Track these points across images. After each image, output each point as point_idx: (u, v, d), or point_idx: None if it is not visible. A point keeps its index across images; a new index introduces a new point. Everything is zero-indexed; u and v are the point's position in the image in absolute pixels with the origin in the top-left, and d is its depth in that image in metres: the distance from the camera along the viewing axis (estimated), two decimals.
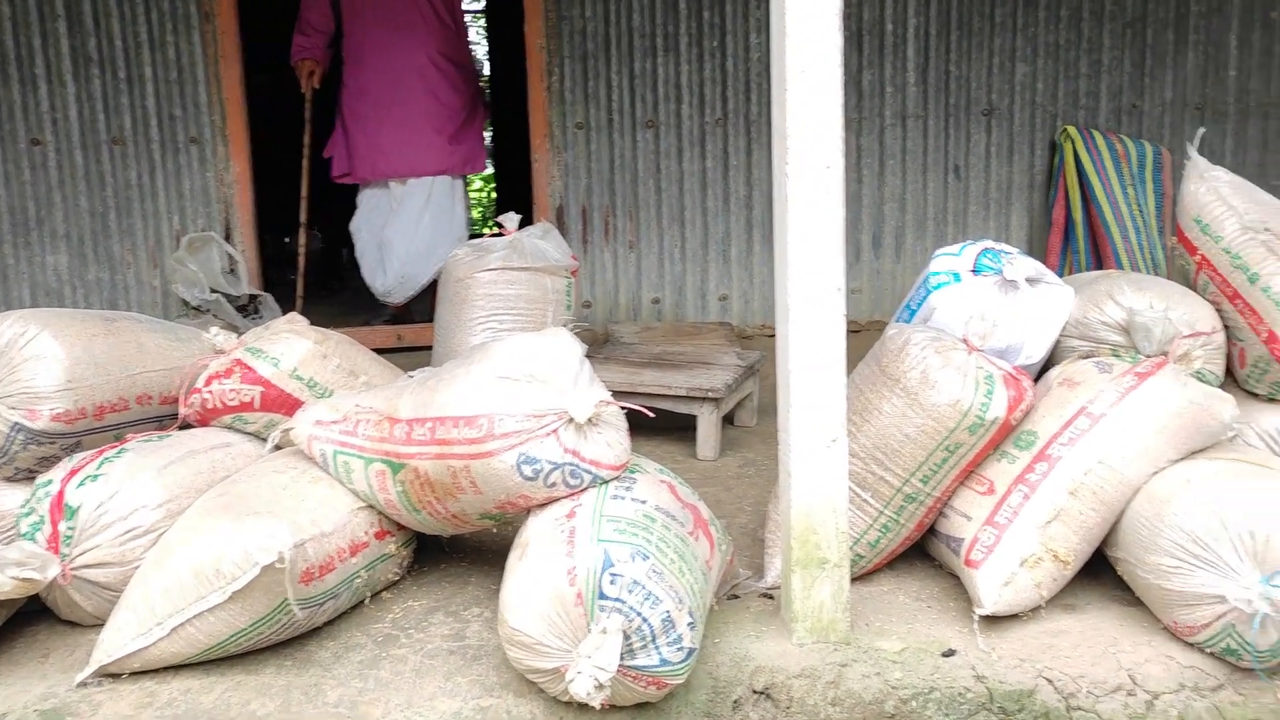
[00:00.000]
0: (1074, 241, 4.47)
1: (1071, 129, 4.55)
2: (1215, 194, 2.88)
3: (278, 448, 2.47)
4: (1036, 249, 4.69)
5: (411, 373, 2.55)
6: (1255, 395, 2.77)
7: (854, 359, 2.32)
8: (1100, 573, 2.34)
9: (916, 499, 2.35)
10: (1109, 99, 4.65)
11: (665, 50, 4.42)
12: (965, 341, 2.40)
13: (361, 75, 4.45)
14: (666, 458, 3.27)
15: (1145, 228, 4.44)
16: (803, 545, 2.09)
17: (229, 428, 2.61)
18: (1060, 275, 4.59)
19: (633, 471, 2.14)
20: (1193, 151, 3.01)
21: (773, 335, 2.22)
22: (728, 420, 3.58)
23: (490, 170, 8.89)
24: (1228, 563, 2.03)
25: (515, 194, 6.14)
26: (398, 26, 4.40)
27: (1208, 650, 2.09)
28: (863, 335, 4.28)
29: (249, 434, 2.62)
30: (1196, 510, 2.08)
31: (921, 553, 2.52)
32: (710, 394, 3.23)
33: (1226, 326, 2.79)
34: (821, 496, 2.08)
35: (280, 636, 2.12)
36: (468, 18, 7.08)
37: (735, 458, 3.32)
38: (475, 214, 10.14)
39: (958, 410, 2.26)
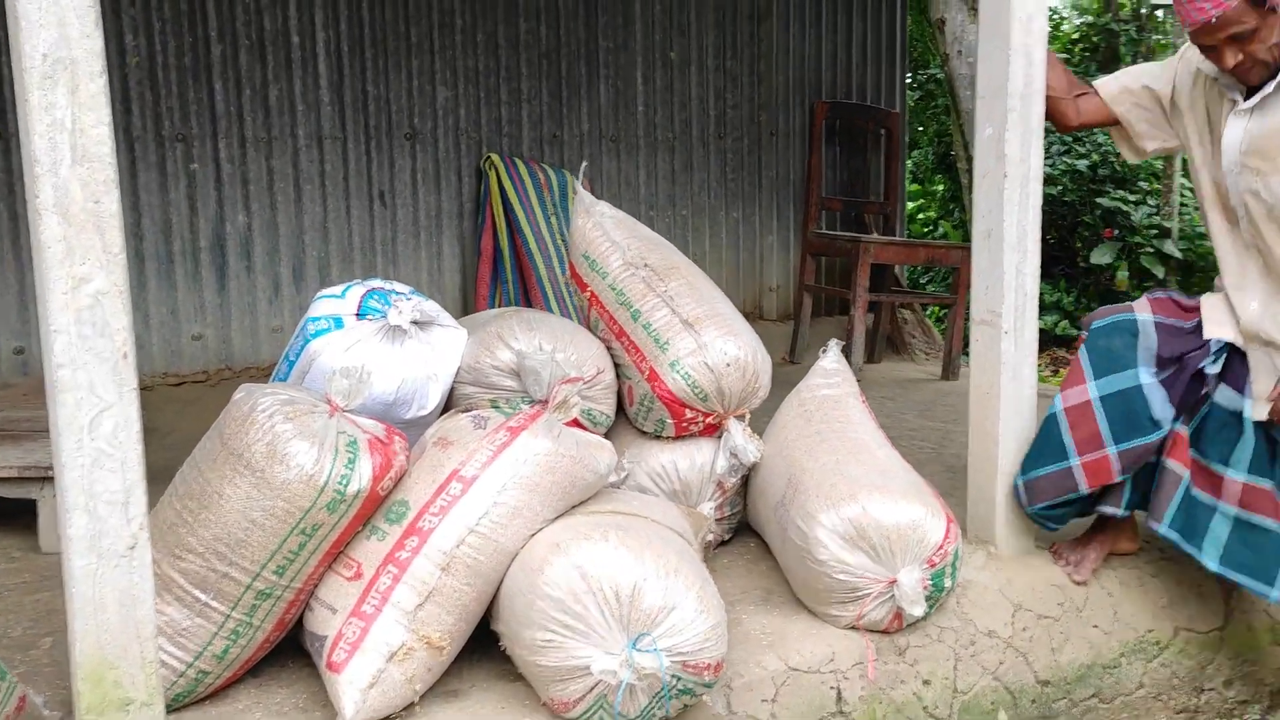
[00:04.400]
0: (503, 271, 4.39)
1: (495, 156, 4.47)
2: (600, 229, 2.84)
3: None
4: (469, 279, 4.55)
5: None
6: (644, 433, 2.77)
7: None
8: (489, 644, 2.13)
9: (272, 595, 1.98)
10: (531, 127, 4.64)
11: None
12: (329, 401, 2.07)
13: None
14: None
15: (567, 257, 4.48)
16: (96, 686, 1.63)
17: None
18: (491, 305, 4.52)
19: None
20: (579, 187, 2.96)
21: (180, 384, 1.72)
22: None
23: None
24: (596, 630, 1.90)
25: None
26: None
27: None
28: None
29: None
30: (565, 576, 1.93)
31: (298, 645, 2.15)
32: (51, 473, 2.61)
33: (617, 365, 2.77)
34: (119, 619, 1.63)
35: None
36: None
37: None
38: None
39: (313, 486, 1.93)
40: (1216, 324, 2.50)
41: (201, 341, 3.99)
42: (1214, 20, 2.21)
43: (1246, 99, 2.35)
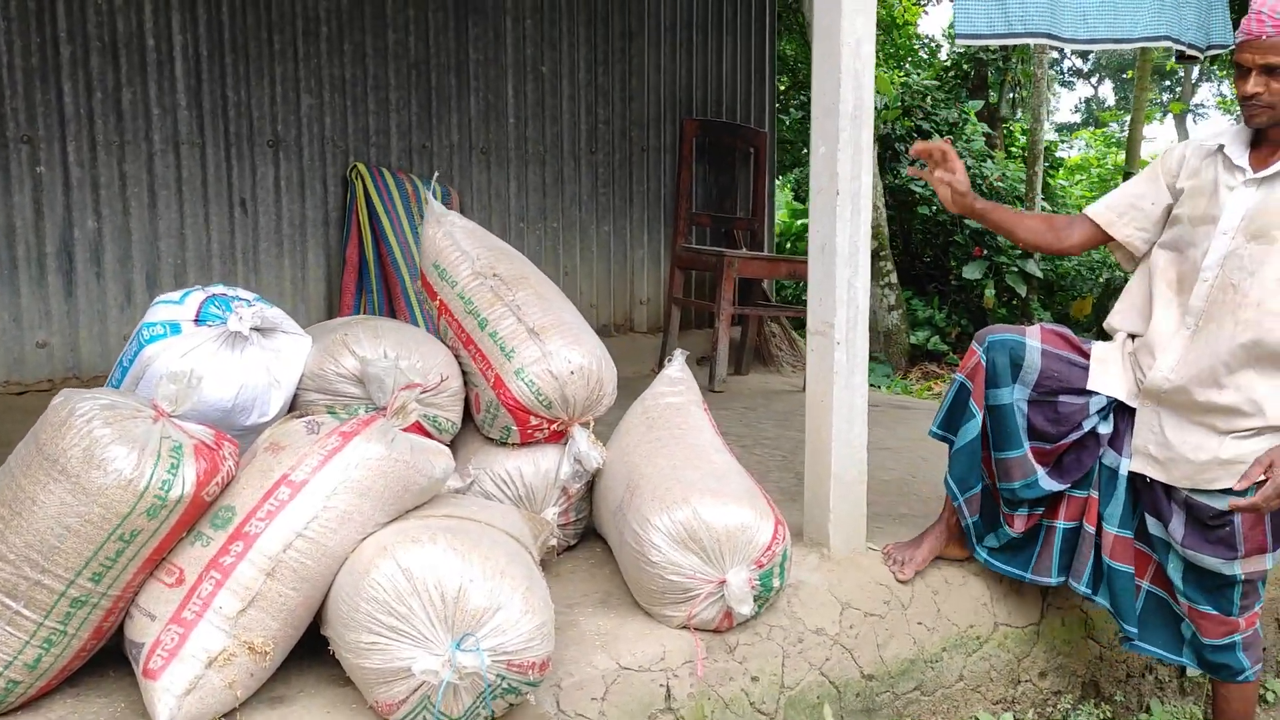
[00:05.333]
0: (368, 280, 4.37)
1: (362, 166, 4.46)
2: (450, 239, 2.87)
3: None
4: (335, 288, 4.52)
5: None
6: (491, 440, 2.80)
7: None
8: (322, 650, 2.13)
9: (88, 602, 1.95)
10: (399, 138, 4.64)
11: None
12: (155, 407, 2.05)
13: None
14: None
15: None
16: None
17: None
18: (357, 314, 4.49)
19: None
20: (429, 196, 2.99)
21: (23, 393, 1.68)
22: None
23: None
24: (421, 632, 1.92)
25: None
26: None
27: None
28: None
29: None
30: (390, 578, 1.95)
31: (121, 656, 2.12)
32: None
33: (465, 373, 2.80)
34: None
35: None
36: None
37: None
38: None
39: (132, 492, 1.91)
40: (1108, 378, 2.56)
41: (47, 350, 3.88)
42: (1264, 38, 2.20)
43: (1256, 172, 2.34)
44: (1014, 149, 11.92)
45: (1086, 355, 2.61)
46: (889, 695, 2.63)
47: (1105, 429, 2.58)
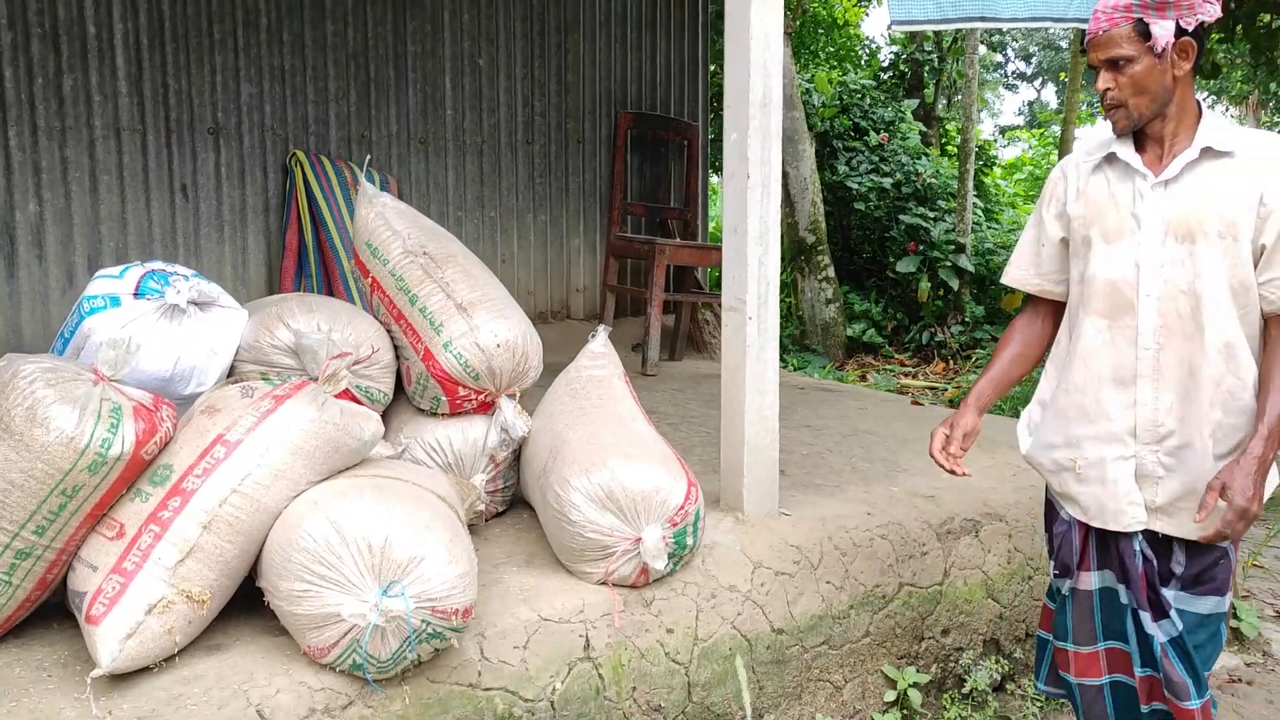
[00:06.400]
0: (307, 265, 4.48)
1: (301, 154, 4.56)
2: (382, 219, 3.00)
3: None
4: (275, 271, 4.62)
5: None
6: (422, 410, 2.94)
7: None
8: (259, 605, 2.26)
9: (32, 554, 2.07)
10: (338, 127, 4.75)
11: None
12: (95, 371, 2.17)
13: None
14: None
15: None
16: None
17: None
18: None
19: None
20: (362, 178, 3.12)
21: None
22: None
23: None
24: (350, 579, 2.05)
25: None
26: None
27: (339, 669, 2.10)
28: None
29: None
30: (320, 530, 2.08)
31: (64, 612, 2.23)
32: None
33: (397, 347, 2.93)
34: None
35: None
36: None
37: None
38: None
39: (73, 449, 2.02)
40: (1064, 497, 2.36)
41: None
42: (1100, 35, 2.11)
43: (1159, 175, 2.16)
44: (949, 148, 12.24)
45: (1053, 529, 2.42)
46: (798, 649, 2.81)
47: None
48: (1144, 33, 2.07)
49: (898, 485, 3.38)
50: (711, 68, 7.21)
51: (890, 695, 2.95)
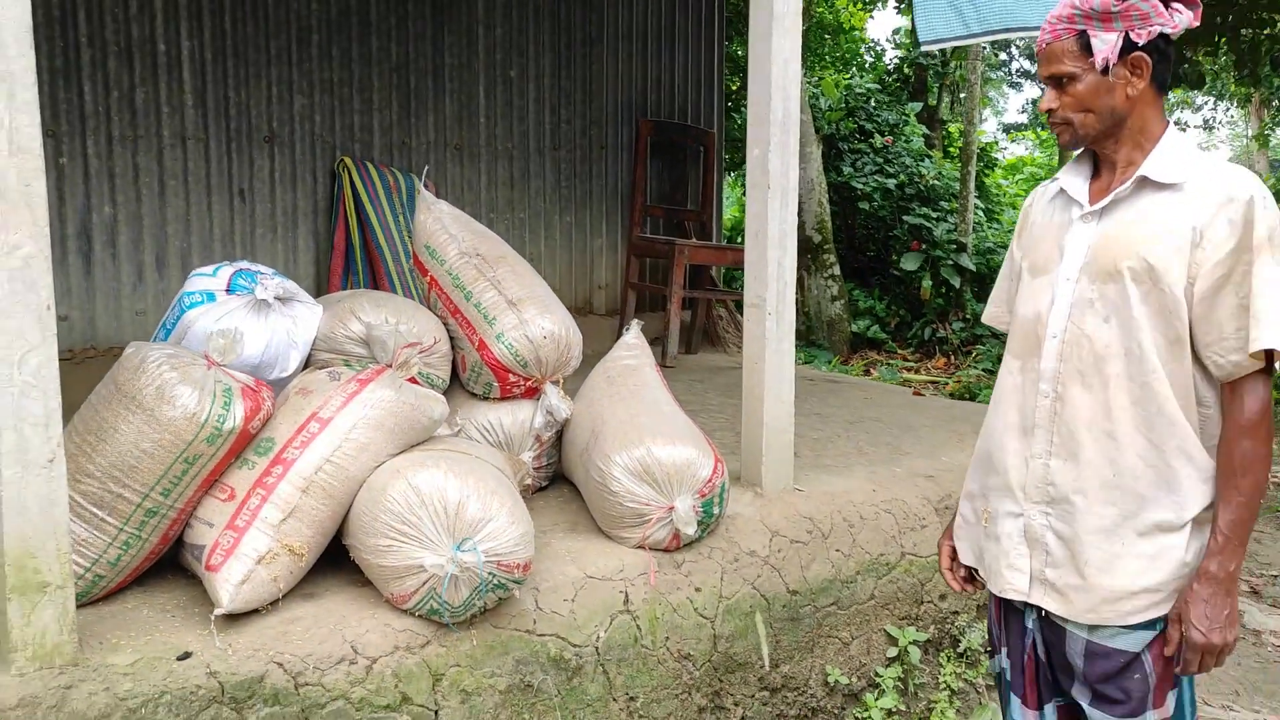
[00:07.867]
0: (354, 264, 4.83)
1: (348, 160, 4.91)
2: (440, 224, 3.35)
3: None
4: (323, 270, 4.97)
5: None
6: (475, 395, 3.29)
7: None
8: (342, 561, 2.60)
9: (159, 513, 2.41)
10: (381, 135, 5.10)
11: None
12: (206, 357, 2.52)
13: None
14: None
15: (411, 249, 4.97)
16: (20, 571, 2.04)
17: None
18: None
19: None
20: (421, 187, 3.47)
21: None
22: None
23: None
24: (428, 536, 2.39)
25: None
26: None
27: (417, 614, 2.45)
28: None
29: None
30: (403, 493, 2.43)
31: (175, 564, 2.58)
32: None
33: (452, 338, 3.28)
34: (39, 518, 2.05)
35: None
36: None
37: None
38: None
39: (195, 423, 2.37)
40: (987, 571, 2.05)
41: (68, 323, 4.30)
42: (1043, 48, 1.90)
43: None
44: (952, 150, 12.56)
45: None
46: (810, 608, 3.15)
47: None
48: (1088, 46, 1.84)
49: (900, 466, 3.72)
50: (728, 77, 7.55)
51: (892, 651, 3.29)
